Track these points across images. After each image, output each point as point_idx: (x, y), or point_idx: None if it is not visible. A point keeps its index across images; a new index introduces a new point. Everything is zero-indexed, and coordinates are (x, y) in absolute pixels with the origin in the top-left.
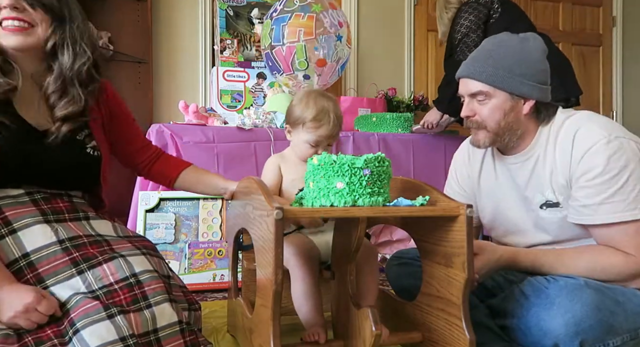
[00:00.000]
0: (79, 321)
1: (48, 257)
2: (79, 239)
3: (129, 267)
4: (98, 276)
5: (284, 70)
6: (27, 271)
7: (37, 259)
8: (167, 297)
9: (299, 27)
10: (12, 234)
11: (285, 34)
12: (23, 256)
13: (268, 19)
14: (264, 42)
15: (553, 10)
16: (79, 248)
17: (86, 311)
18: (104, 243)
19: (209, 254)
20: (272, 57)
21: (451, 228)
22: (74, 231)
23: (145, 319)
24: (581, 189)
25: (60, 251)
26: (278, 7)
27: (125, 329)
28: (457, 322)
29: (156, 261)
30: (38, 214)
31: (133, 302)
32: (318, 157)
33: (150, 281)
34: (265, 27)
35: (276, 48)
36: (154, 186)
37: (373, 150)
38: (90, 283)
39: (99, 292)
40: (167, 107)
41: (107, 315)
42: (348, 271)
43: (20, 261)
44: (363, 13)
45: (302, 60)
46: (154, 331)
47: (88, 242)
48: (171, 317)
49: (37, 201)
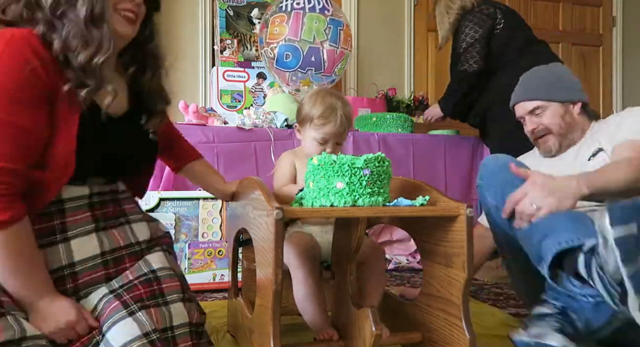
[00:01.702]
0: (104, 324)
1: (89, 270)
2: (119, 251)
3: (147, 265)
4: (119, 278)
5: (325, 70)
6: (69, 279)
7: (80, 270)
8: (182, 297)
9: (349, 36)
10: (64, 242)
11: (341, 39)
12: (70, 265)
13: (319, 14)
14: (309, 35)
15: (553, 10)
16: (117, 262)
17: (109, 313)
18: (139, 254)
19: (209, 254)
20: (320, 53)
21: (451, 228)
22: (116, 241)
23: (163, 315)
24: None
25: (100, 265)
26: (328, 6)
27: (148, 325)
28: (457, 322)
29: (172, 259)
30: (91, 222)
31: (152, 297)
32: (318, 157)
33: (166, 278)
34: (317, 21)
35: (329, 48)
36: (154, 185)
37: (373, 150)
38: (112, 284)
39: (119, 290)
40: (167, 107)
41: (128, 313)
42: (348, 271)
43: (66, 269)
44: (363, 13)
45: (342, 67)
46: (170, 328)
47: (126, 254)
48: (184, 318)
49: (94, 205)
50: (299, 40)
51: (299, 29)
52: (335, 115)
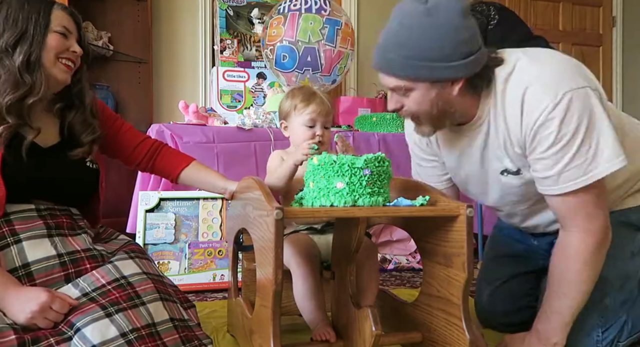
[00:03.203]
0: (78, 321)
1: (46, 270)
2: (76, 254)
3: (117, 271)
4: (90, 281)
5: (324, 70)
6: (24, 280)
7: (36, 270)
8: (158, 296)
9: (348, 35)
10: (17, 244)
11: (339, 39)
12: (23, 265)
13: (315, 15)
14: (304, 35)
15: (553, 10)
16: (76, 263)
17: (84, 312)
18: (99, 258)
19: (209, 254)
20: (317, 53)
21: (451, 228)
22: (72, 246)
23: (142, 314)
24: (538, 162)
25: (57, 265)
26: (325, 6)
27: (125, 326)
28: (457, 322)
29: (145, 262)
30: (43, 228)
31: (128, 299)
32: (318, 157)
33: (140, 282)
34: (313, 21)
35: (327, 48)
36: (154, 185)
37: (373, 150)
38: (83, 287)
39: (93, 294)
40: (167, 107)
41: (106, 314)
42: (348, 271)
43: (20, 270)
44: (363, 13)
45: (342, 67)
46: (153, 325)
47: (85, 257)
48: (164, 315)
49: (45, 216)
50: (295, 41)
51: (294, 30)
52: (316, 95)
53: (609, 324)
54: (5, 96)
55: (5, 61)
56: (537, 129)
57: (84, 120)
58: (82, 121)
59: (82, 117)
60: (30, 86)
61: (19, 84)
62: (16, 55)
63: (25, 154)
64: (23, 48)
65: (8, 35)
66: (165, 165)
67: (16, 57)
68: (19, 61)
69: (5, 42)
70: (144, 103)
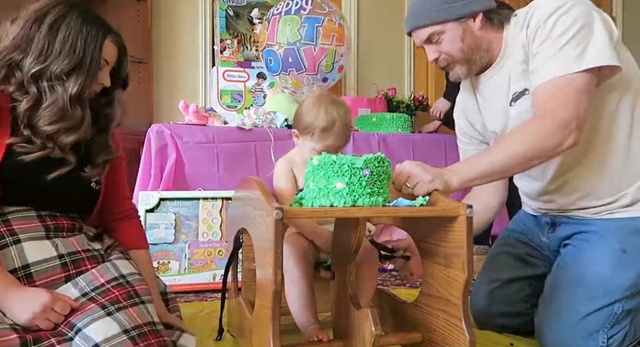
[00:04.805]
0: (79, 321)
1: (46, 271)
2: (77, 255)
3: (116, 270)
4: (89, 280)
5: (307, 69)
6: (24, 281)
7: (36, 271)
8: (151, 299)
9: (333, 31)
10: (16, 244)
11: (319, 36)
12: (23, 267)
13: (293, 16)
14: (283, 37)
15: None
16: (77, 264)
17: (84, 312)
18: (99, 258)
19: (209, 254)
20: (297, 54)
21: (451, 228)
22: (73, 246)
23: (143, 312)
24: (534, 58)
25: (59, 266)
26: (305, 6)
27: (127, 322)
28: (457, 322)
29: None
30: (42, 229)
31: (129, 298)
32: (318, 157)
33: (137, 281)
34: (291, 23)
35: (306, 47)
36: (154, 185)
37: (373, 150)
38: (82, 287)
39: (92, 294)
40: (167, 107)
41: (106, 313)
42: (348, 271)
43: (19, 272)
44: (363, 13)
45: (329, 64)
46: (153, 323)
47: (86, 257)
48: (155, 316)
49: (44, 217)
50: (274, 44)
51: (274, 34)
52: (338, 128)
53: (615, 331)
54: (51, 125)
55: (57, 87)
56: (539, 24)
57: (103, 141)
58: (102, 142)
59: (103, 138)
60: (79, 120)
61: (66, 115)
62: (70, 83)
63: (25, 162)
64: (79, 79)
65: (66, 62)
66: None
67: (69, 85)
68: (72, 91)
69: (61, 68)
70: (144, 103)
